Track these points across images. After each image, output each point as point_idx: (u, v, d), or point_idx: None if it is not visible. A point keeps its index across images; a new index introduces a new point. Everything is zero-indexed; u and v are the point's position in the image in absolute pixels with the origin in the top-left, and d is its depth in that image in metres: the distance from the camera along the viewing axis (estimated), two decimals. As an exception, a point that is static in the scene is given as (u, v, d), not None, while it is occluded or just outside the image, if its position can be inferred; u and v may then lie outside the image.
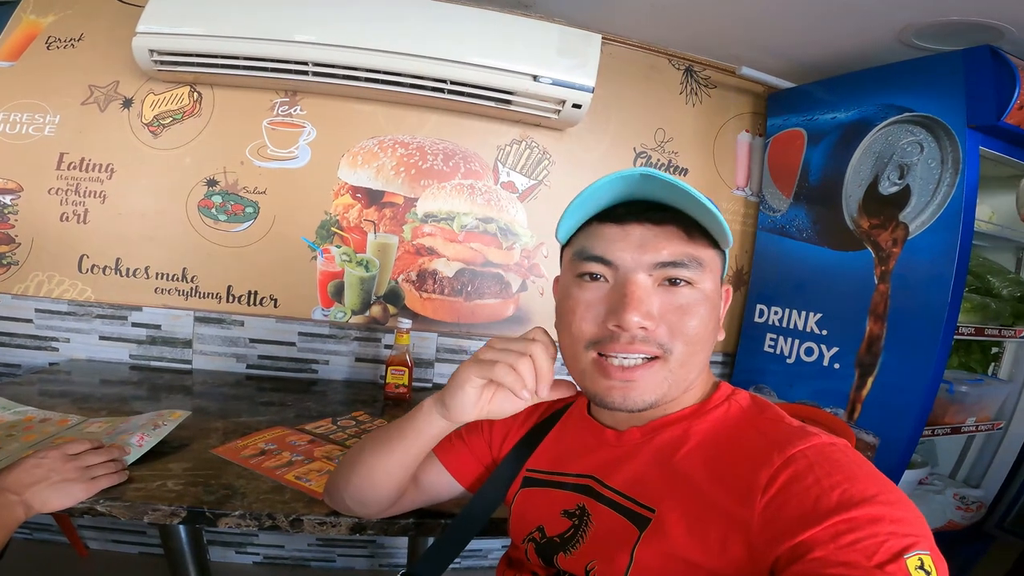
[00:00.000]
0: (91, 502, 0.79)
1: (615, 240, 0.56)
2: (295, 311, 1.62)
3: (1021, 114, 1.20)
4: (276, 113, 1.59)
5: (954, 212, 1.26)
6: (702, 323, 0.55)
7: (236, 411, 1.25)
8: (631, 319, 0.52)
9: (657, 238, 0.55)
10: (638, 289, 0.54)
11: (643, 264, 0.54)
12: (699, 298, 0.55)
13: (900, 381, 1.34)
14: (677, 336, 0.54)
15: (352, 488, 0.73)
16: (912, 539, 0.41)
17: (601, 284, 0.57)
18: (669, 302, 0.55)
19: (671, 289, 0.55)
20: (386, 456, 0.69)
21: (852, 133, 1.49)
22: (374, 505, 0.75)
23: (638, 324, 0.53)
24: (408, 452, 0.68)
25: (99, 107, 1.52)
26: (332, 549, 1.71)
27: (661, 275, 0.55)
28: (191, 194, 1.56)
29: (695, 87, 1.81)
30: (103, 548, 1.62)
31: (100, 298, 1.55)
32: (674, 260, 0.54)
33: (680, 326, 0.54)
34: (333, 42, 1.37)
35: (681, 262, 0.54)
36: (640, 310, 0.53)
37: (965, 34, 1.31)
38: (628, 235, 0.55)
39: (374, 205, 1.64)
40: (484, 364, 0.58)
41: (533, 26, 1.46)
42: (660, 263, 0.54)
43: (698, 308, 0.55)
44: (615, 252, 0.55)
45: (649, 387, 0.55)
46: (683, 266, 0.54)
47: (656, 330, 0.54)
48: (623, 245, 0.55)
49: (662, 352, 0.54)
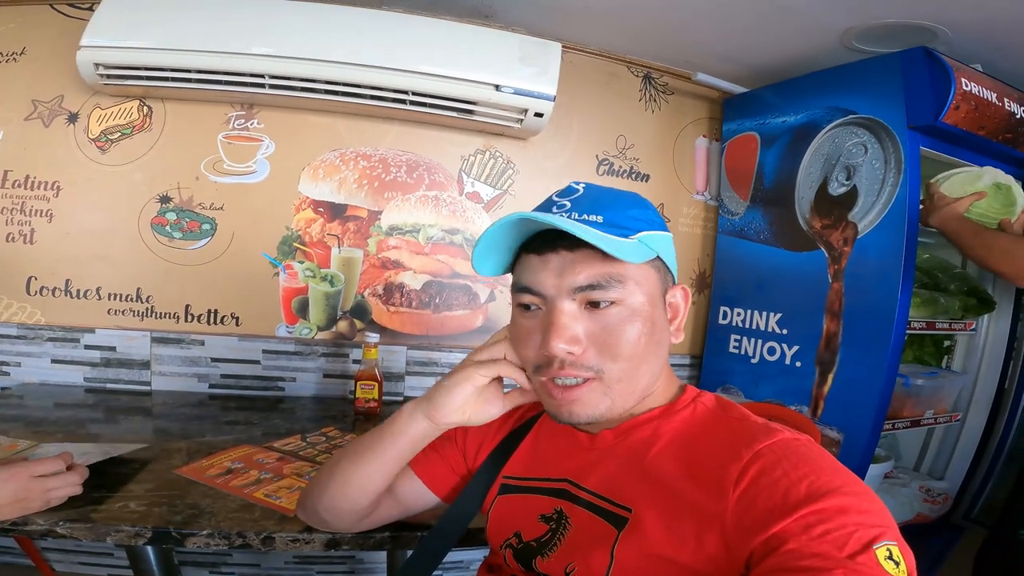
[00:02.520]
0: (50, 524, 0.77)
1: (538, 270, 0.58)
2: (258, 329, 1.59)
3: (958, 114, 1.25)
4: (232, 127, 1.56)
5: (899, 211, 1.30)
6: (632, 339, 0.56)
7: (199, 431, 1.22)
8: (555, 346, 0.55)
9: (574, 263, 0.56)
10: (561, 316, 0.56)
11: (564, 290, 0.56)
12: (626, 315, 0.56)
13: (859, 376, 1.38)
14: (607, 356, 0.56)
15: (327, 498, 0.72)
16: (879, 530, 0.42)
17: (536, 312, 0.59)
18: (595, 324, 0.56)
19: (596, 311, 0.56)
20: (365, 463, 0.69)
21: (801, 136, 1.54)
22: (348, 516, 0.74)
23: (564, 351, 0.55)
24: (387, 457, 0.68)
25: (43, 122, 1.47)
26: (310, 566, 1.67)
27: (583, 298, 0.56)
28: (143, 211, 1.52)
29: (654, 94, 1.84)
30: (70, 570, 1.57)
31: (51, 321, 1.50)
32: (591, 283, 0.55)
33: (609, 346, 0.56)
34: (290, 54, 1.35)
35: (598, 284, 0.55)
36: (563, 337, 0.55)
37: (903, 36, 1.36)
38: (547, 264, 0.57)
39: (337, 219, 1.62)
40: (486, 364, 0.63)
41: (494, 36, 1.46)
42: (578, 287, 0.56)
43: (625, 325, 0.56)
44: (539, 281, 0.58)
45: (590, 403, 0.57)
46: (601, 287, 0.56)
47: (584, 353, 0.56)
48: (545, 274, 0.57)
49: (594, 373, 0.56)
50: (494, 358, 0.63)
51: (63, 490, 0.79)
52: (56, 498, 0.78)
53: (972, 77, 1.25)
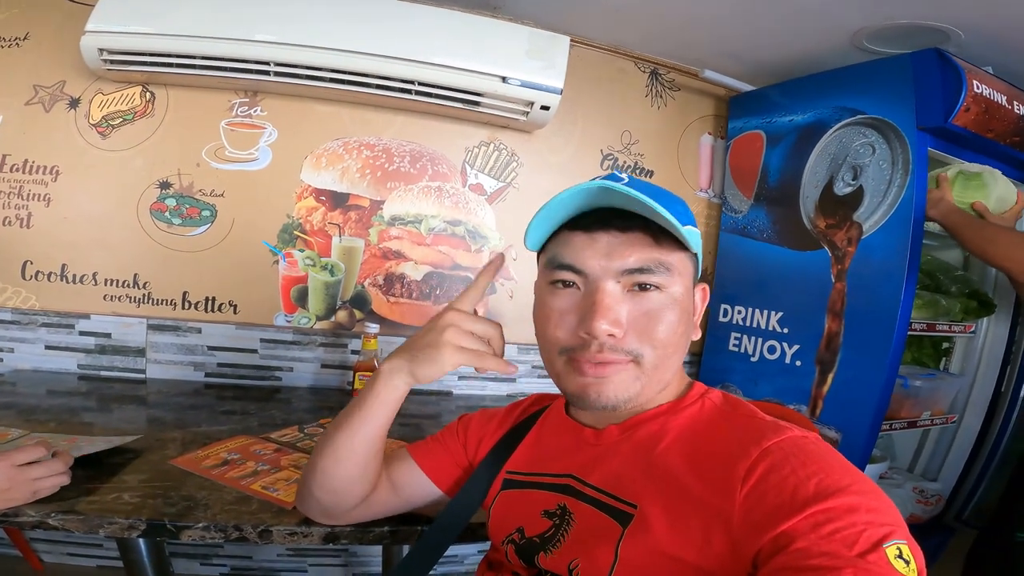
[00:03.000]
0: (41, 515, 0.75)
1: (583, 248, 0.56)
2: (256, 317, 1.57)
3: (968, 116, 1.25)
4: (235, 114, 1.54)
5: (905, 212, 1.30)
6: (672, 327, 0.56)
7: (195, 421, 1.20)
8: (599, 327, 0.53)
9: (624, 245, 0.55)
10: (606, 296, 0.55)
11: (611, 271, 0.55)
12: (668, 302, 0.56)
13: (858, 377, 1.38)
14: (646, 341, 0.55)
15: (319, 474, 0.70)
16: (889, 528, 0.42)
17: (573, 291, 0.58)
18: (638, 308, 0.55)
19: (640, 295, 0.56)
20: (350, 434, 0.67)
21: (808, 135, 1.54)
22: (347, 496, 0.72)
23: (606, 331, 0.54)
24: (371, 423, 0.66)
25: (44, 107, 1.45)
26: (303, 559, 1.66)
27: (629, 281, 0.56)
28: (142, 197, 1.50)
29: (660, 90, 1.84)
30: (58, 561, 1.55)
31: (45, 306, 1.47)
32: (641, 266, 0.55)
33: (649, 331, 0.55)
34: (296, 41, 1.33)
35: (648, 268, 0.55)
36: (608, 317, 0.54)
37: (915, 37, 1.36)
38: (595, 242, 0.56)
39: (339, 208, 1.61)
40: (473, 353, 0.62)
41: (502, 27, 1.45)
42: (627, 269, 0.55)
43: (667, 313, 0.56)
44: (584, 260, 0.56)
45: (621, 386, 0.56)
46: (650, 272, 0.55)
47: (625, 337, 0.55)
48: (591, 253, 0.56)
49: (632, 358, 0.55)
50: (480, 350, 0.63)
51: (50, 480, 0.77)
52: (44, 489, 0.76)
53: (983, 79, 1.25)
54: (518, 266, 1.74)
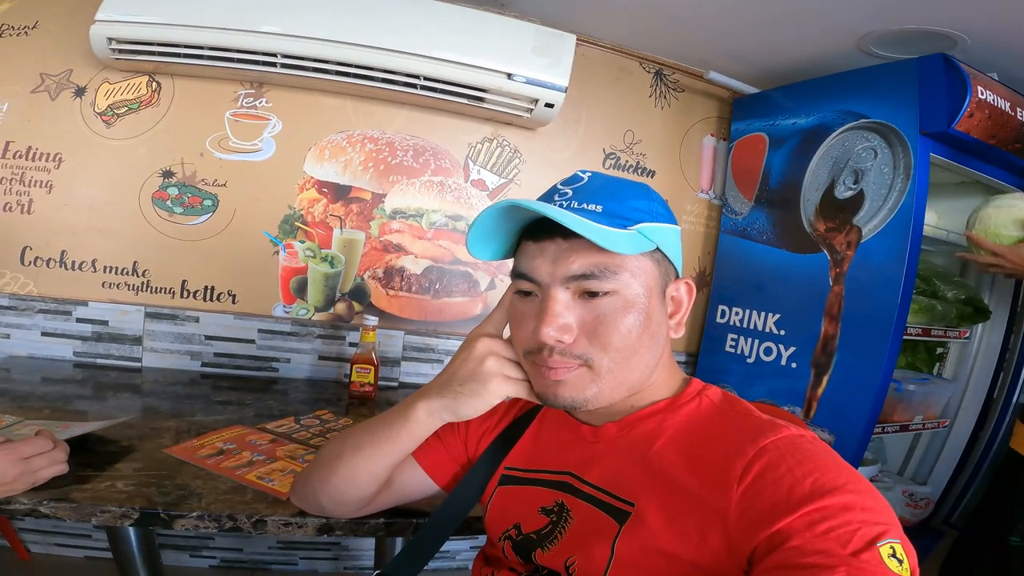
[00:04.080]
0: (34, 503, 0.75)
1: (534, 257, 0.58)
2: (255, 307, 1.57)
3: (971, 122, 1.25)
4: (240, 105, 1.53)
5: (905, 217, 1.31)
6: (627, 330, 0.55)
7: (190, 410, 1.20)
8: (547, 333, 0.55)
9: (568, 251, 0.56)
10: (554, 304, 0.55)
11: (558, 278, 0.56)
12: (620, 306, 0.56)
13: (853, 380, 1.39)
14: (597, 346, 0.56)
15: (331, 488, 0.71)
16: (883, 527, 0.42)
17: (533, 299, 0.59)
18: (588, 313, 0.56)
19: (590, 300, 0.56)
20: (373, 458, 0.68)
21: (811, 138, 1.54)
22: (353, 504, 0.73)
23: (554, 338, 0.55)
24: (398, 453, 0.67)
25: (50, 95, 1.44)
26: (294, 552, 1.66)
27: (577, 288, 0.56)
28: (145, 185, 1.50)
29: (664, 90, 1.84)
30: (46, 552, 1.54)
31: (43, 292, 1.46)
32: (584, 272, 0.55)
33: (600, 336, 0.55)
34: (303, 34, 1.34)
35: (591, 273, 0.55)
36: (554, 324, 0.55)
37: (921, 43, 1.37)
38: (544, 251, 0.57)
39: (341, 200, 1.60)
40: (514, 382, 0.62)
41: (508, 24, 1.46)
42: (572, 276, 0.55)
43: (618, 316, 0.55)
44: (535, 268, 0.57)
45: (576, 387, 0.57)
46: (594, 277, 0.55)
47: (576, 342, 0.56)
48: (540, 261, 0.57)
49: (582, 362, 0.56)
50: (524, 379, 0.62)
51: (49, 469, 0.76)
52: (42, 478, 0.76)
53: (988, 86, 1.26)
54: (518, 263, 1.74)
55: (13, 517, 0.81)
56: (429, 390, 0.65)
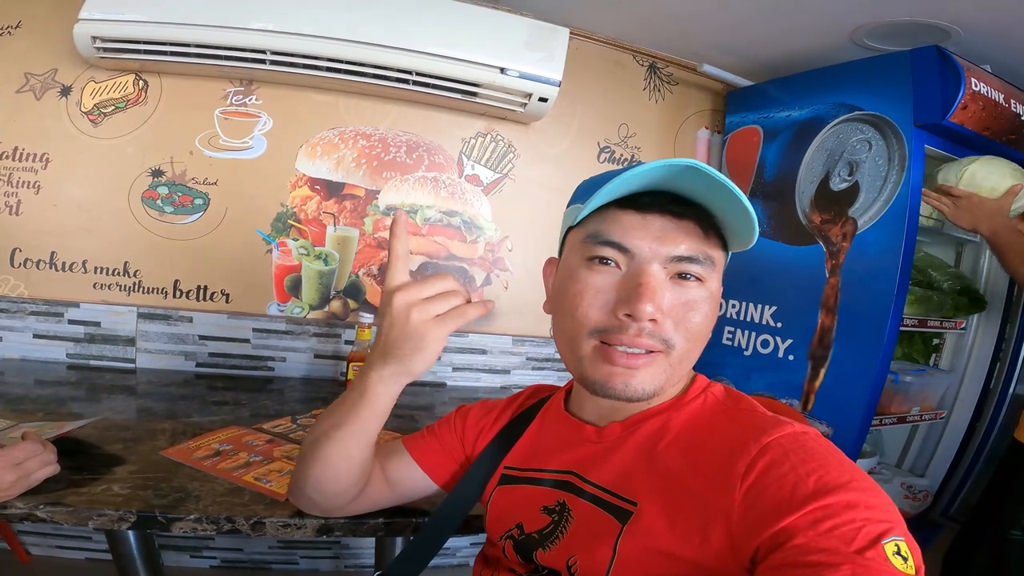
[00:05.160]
0: (30, 508, 0.74)
1: (635, 228, 0.55)
2: (249, 306, 1.56)
3: (965, 114, 1.25)
4: (230, 102, 1.52)
5: (900, 208, 1.31)
6: (705, 321, 0.55)
7: (186, 411, 1.19)
8: (644, 309, 0.52)
9: (676, 231, 0.54)
10: (653, 279, 0.53)
11: (660, 255, 0.54)
12: (705, 296, 0.55)
13: (850, 372, 1.39)
14: (680, 331, 0.54)
15: (312, 479, 0.69)
16: (887, 525, 0.41)
17: (612, 270, 0.56)
18: (678, 297, 0.55)
19: (681, 284, 0.55)
20: (342, 440, 0.64)
21: (805, 131, 1.54)
22: (341, 495, 0.71)
23: (650, 315, 0.52)
24: (365, 432, 0.64)
25: (35, 95, 1.43)
26: (294, 551, 1.66)
27: (675, 269, 0.54)
28: (134, 185, 1.48)
29: (658, 83, 1.83)
30: (46, 554, 1.53)
31: (34, 294, 1.45)
32: (690, 255, 0.54)
33: (685, 322, 0.54)
34: (293, 30, 1.32)
35: (696, 258, 0.54)
36: (654, 301, 0.52)
37: (914, 35, 1.36)
38: (648, 224, 0.54)
39: (334, 197, 1.59)
40: (447, 318, 0.57)
41: (501, 18, 1.44)
42: (676, 256, 0.54)
43: (703, 306, 0.55)
44: (633, 240, 0.54)
45: (649, 378, 0.54)
46: (697, 262, 0.54)
47: (663, 324, 0.54)
48: (643, 234, 0.54)
49: (664, 347, 0.54)
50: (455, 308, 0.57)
51: (42, 471, 0.76)
52: (36, 480, 0.75)
53: (982, 77, 1.26)
54: (513, 257, 1.74)
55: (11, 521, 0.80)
56: (375, 359, 0.60)
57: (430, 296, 0.57)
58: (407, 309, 0.56)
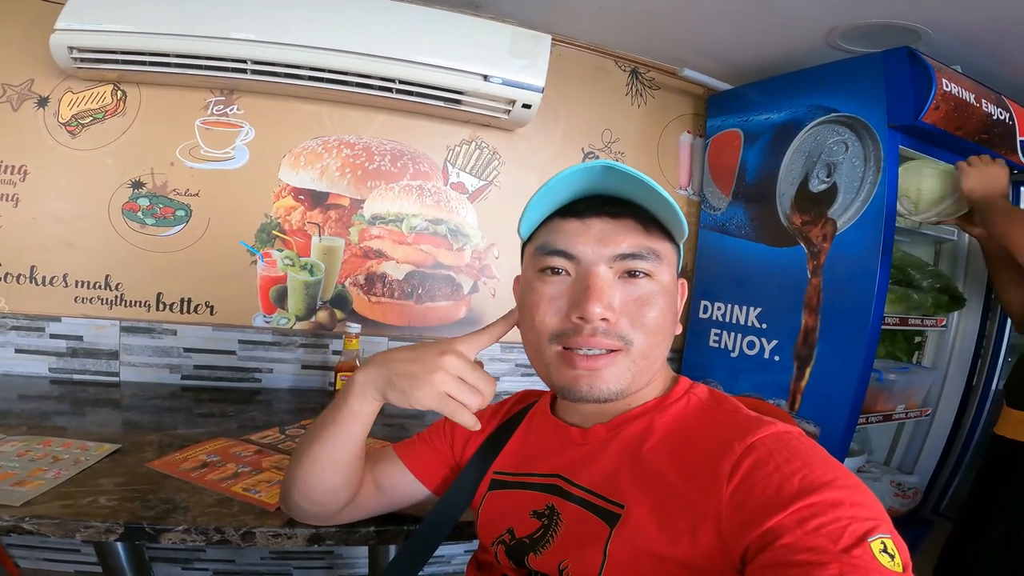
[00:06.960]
0: (15, 520, 0.73)
1: (576, 234, 0.57)
2: (234, 318, 1.55)
3: (937, 114, 1.27)
4: (210, 112, 1.51)
5: (877, 208, 1.33)
6: (661, 314, 0.57)
7: (172, 423, 1.18)
8: (593, 310, 0.54)
9: (616, 231, 0.56)
10: (599, 280, 0.55)
11: (603, 257, 0.56)
12: (657, 290, 0.57)
13: (835, 371, 1.40)
14: (637, 327, 0.56)
15: (302, 488, 0.70)
16: (873, 523, 0.42)
17: (563, 278, 0.58)
18: (629, 294, 0.56)
19: (630, 281, 0.57)
20: (328, 448, 0.66)
21: (784, 133, 1.56)
22: (330, 503, 0.72)
23: (600, 315, 0.54)
24: (349, 435, 0.65)
25: (12, 106, 1.41)
26: (287, 562, 1.64)
27: (621, 267, 0.56)
28: (114, 197, 1.47)
29: (640, 88, 1.85)
30: (35, 567, 1.50)
31: (15, 309, 1.43)
32: (632, 252, 0.56)
33: (640, 317, 0.56)
34: (274, 39, 1.32)
35: (639, 254, 0.56)
36: (602, 301, 0.54)
37: (887, 36, 1.38)
38: (588, 229, 0.57)
39: (318, 207, 1.59)
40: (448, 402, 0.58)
41: (484, 26, 1.45)
42: (619, 255, 0.56)
43: (657, 299, 0.57)
44: (576, 246, 0.57)
45: (613, 377, 0.56)
46: (641, 258, 0.56)
47: (617, 322, 0.55)
48: (584, 239, 0.57)
49: (623, 344, 0.56)
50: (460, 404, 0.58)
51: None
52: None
53: (952, 78, 1.28)
54: (500, 264, 1.74)
55: (-1, 534, 0.79)
56: (372, 361, 0.63)
57: (464, 379, 0.59)
58: (442, 370, 0.58)
